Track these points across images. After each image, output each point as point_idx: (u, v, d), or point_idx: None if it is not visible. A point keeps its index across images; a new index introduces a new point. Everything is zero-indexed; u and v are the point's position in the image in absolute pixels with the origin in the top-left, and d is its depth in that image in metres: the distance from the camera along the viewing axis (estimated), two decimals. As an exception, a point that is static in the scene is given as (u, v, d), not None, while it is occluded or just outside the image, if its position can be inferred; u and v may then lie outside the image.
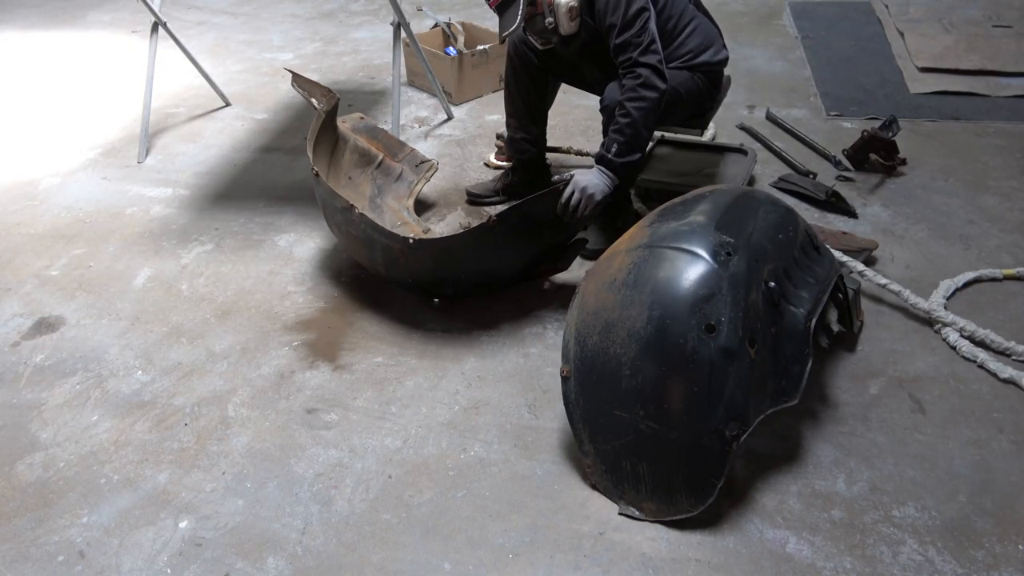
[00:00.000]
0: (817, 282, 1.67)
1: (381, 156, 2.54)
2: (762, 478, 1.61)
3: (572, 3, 2.05)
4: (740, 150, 2.66)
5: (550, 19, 2.09)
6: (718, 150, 2.71)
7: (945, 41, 3.57)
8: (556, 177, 1.95)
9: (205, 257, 2.42)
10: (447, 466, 1.68)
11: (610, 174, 2.01)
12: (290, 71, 2.53)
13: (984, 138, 2.92)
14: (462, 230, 2.20)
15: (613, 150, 2.00)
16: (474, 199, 2.64)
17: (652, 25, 2.01)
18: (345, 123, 2.55)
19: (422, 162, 2.58)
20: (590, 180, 1.97)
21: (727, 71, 2.38)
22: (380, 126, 2.63)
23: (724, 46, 2.28)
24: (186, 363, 1.99)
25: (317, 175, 2.12)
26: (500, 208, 2.52)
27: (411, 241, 1.94)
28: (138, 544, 1.53)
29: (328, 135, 2.39)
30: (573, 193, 1.95)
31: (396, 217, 2.43)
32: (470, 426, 1.77)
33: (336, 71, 3.78)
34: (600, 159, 2.02)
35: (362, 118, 2.62)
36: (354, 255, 2.25)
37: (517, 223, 1.94)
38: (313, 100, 2.37)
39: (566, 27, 2.09)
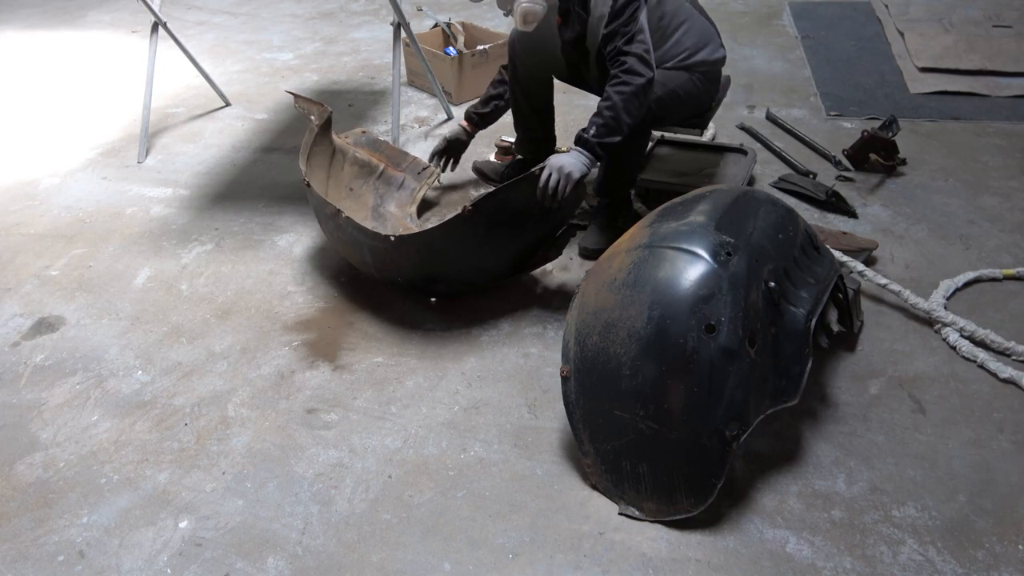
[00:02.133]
0: (817, 282, 1.67)
1: (382, 166, 2.55)
2: (762, 478, 1.61)
3: (531, 9, 2.06)
4: (740, 150, 2.66)
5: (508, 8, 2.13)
6: (718, 150, 2.71)
7: (945, 41, 3.57)
8: (535, 169, 1.94)
9: (205, 257, 2.42)
10: (447, 466, 1.68)
11: (587, 154, 1.99)
12: (292, 93, 2.54)
13: (984, 138, 2.92)
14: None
15: (591, 132, 2.00)
16: (479, 174, 2.68)
17: (641, 16, 2.01)
18: (347, 138, 2.56)
19: (423, 169, 2.58)
20: (566, 160, 1.96)
21: (727, 71, 2.38)
22: (382, 137, 2.63)
23: (721, 45, 2.28)
24: (186, 363, 1.99)
25: (308, 185, 2.13)
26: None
27: (393, 239, 1.94)
28: (138, 544, 1.53)
29: (325, 148, 2.40)
30: (551, 175, 1.93)
31: (399, 224, 2.43)
32: (470, 426, 1.77)
33: (336, 71, 3.78)
34: (578, 139, 2.02)
35: (364, 132, 2.63)
36: (350, 260, 2.26)
37: (496, 212, 1.93)
38: (312, 117, 2.39)
39: (519, 26, 2.12)
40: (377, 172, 2.54)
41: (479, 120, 2.56)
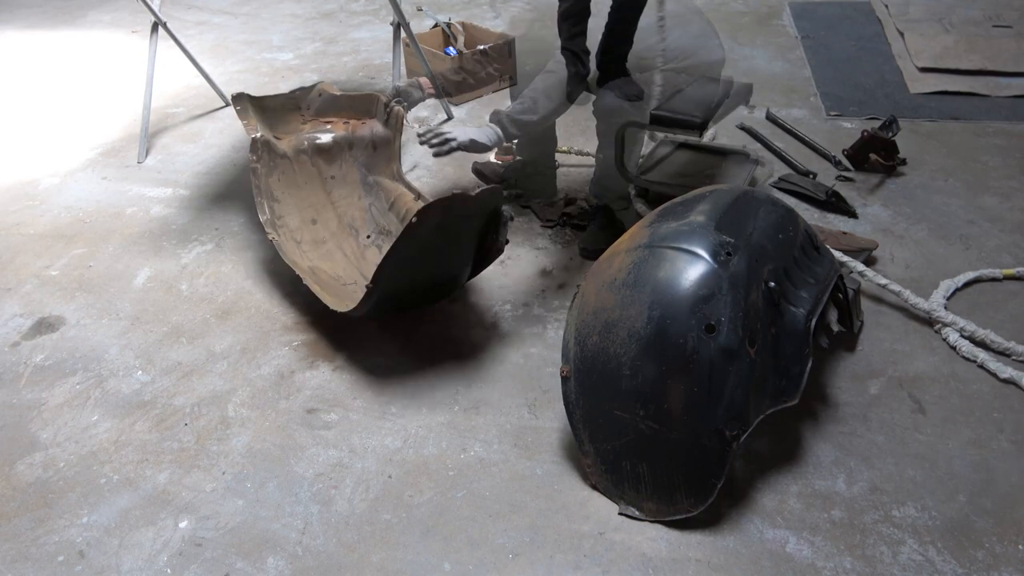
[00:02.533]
0: (817, 282, 1.67)
1: (349, 132, 2.38)
2: (762, 478, 1.61)
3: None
4: (743, 153, 2.65)
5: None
6: (722, 153, 2.69)
7: (945, 41, 3.57)
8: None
9: (205, 257, 2.42)
10: (447, 466, 1.68)
11: (495, 128, 2.09)
12: (234, 103, 2.35)
13: (984, 138, 2.92)
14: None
15: (506, 108, 2.09)
16: (479, 175, 2.70)
17: (581, 25, 2.10)
18: (308, 112, 2.40)
19: (388, 111, 2.36)
20: (471, 128, 2.08)
21: (727, 71, 2.38)
22: (337, 92, 2.43)
23: (720, 46, 2.28)
24: (186, 363, 1.99)
25: (273, 239, 2.13)
26: None
27: (367, 287, 1.82)
28: (138, 544, 1.53)
29: (284, 164, 2.31)
30: (447, 130, 2.04)
31: (391, 192, 2.30)
32: (470, 426, 1.77)
33: (336, 71, 3.78)
34: (492, 116, 2.11)
35: (320, 93, 2.43)
36: None
37: (442, 220, 1.78)
38: (251, 155, 2.25)
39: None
40: (347, 143, 2.37)
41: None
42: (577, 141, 2.96)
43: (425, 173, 2.82)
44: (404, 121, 2.40)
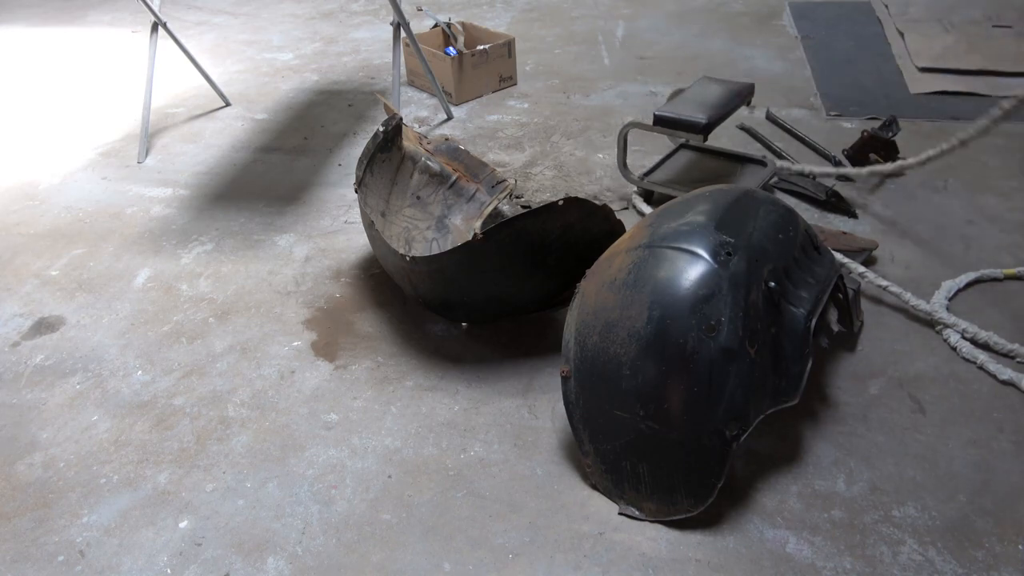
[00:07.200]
0: (817, 282, 1.67)
1: (455, 176, 2.46)
2: (762, 478, 1.61)
3: None
4: (760, 161, 2.63)
5: None
6: (736, 159, 2.68)
7: (945, 41, 3.57)
8: (556, 199, 1.84)
9: (205, 257, 2.42)
10: (447, 466, 1.68)
11: None
12: (380, 95, 2.53)
13: (984, 138, 2.91)
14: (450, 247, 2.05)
15: None
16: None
17: None
18: (428, 142, 2.50)
19: (499, 182, 2.46)
20: None
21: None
22: (462, 147, 2.53)
23: None
24: (186, 363, 1.99)
25: (357, 190, 2.14)
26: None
27: (408, 258, 1.88)
28: (138, 544, 1.53)
29: (393, 154, 2.36)
30: None
31: (460, 238, 2.35)
32: (470, 426, 1.77)
33: (336, 71, 3.78)
34: None
35: (447, 139, 2.55)
36: (386, 271, 2.22)
37: (511, 242, 1.80)
38: (380, 126, 2.35)
39: None
40: (449, 182, 2.46)
41: None
42: (576, 142, 2.96)
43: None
44: (510, 195, 2.51)
